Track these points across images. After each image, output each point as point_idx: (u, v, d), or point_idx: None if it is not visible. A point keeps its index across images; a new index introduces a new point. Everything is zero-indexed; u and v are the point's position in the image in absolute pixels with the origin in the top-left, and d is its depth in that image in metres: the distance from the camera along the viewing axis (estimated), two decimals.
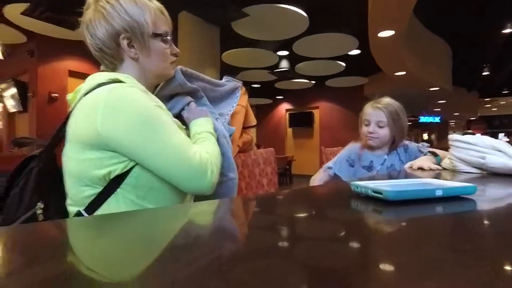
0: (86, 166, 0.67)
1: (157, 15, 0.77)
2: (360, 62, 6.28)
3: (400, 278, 0.22)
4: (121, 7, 0.72)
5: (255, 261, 0.26)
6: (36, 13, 3.59)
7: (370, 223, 0.41)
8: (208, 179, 0.73)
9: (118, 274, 0.24)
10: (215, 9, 3.76)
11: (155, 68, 0.80)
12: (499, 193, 0.65)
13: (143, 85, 0.76)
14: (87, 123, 0.66)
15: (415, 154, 1.34)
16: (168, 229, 0.39)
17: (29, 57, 4.95)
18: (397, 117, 1.34)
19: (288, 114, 10.07)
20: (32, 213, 0.70)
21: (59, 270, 0.24)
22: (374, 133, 1.34)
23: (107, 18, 0.72)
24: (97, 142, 0.65)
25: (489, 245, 0.30)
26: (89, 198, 0.68)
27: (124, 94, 0.67)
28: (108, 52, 0.75)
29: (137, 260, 0.27)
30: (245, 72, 6.95)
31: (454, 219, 0.42)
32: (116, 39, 0.73)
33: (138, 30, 0.73)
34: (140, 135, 0.66)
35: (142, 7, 0.74)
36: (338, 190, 0.71)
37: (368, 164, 1.38)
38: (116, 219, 0.43)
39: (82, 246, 0.32)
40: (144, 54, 0.76)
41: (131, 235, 0.35)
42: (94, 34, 0.73)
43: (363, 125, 1.39)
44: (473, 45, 6.39)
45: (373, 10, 3.56)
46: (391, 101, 1.36)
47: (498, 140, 0.91)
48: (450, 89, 7.64)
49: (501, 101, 13.22)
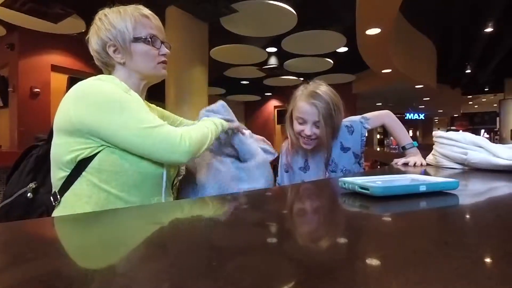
0: (59, 150, 0.76)
1: (139, 20, 0.85)
2: (348, 59, 6.35)
3: (385, 270, 0.23)
4: (107, 20, 0.83)
5: (242, 256, 0.26)
6: (17, 4, 3.46)
7: (357, 218, 0.42)
8: (178, 148, 0.76)
9: (106, 271, 0.24)
10: (204, 4, 3.72)
11: (142, 69, 0.87)
12: (480, 188, 0.67)
13: (132, 86, 0.84)
14: (62, 111, 0.75)
15: (361, 134, 1.15)
16: (155, 227, 0.39)
17: (9, 50, 4.77)
18: (337, 110, 1.07)
19: (277, 111, 10.09)
20: (24, 190, 0.83)
21: (44, 268, 0.24)
22: (312, 136, 1.06)
23: (98, 33, 0.84)
24: (70, 128, 0.73)
25: (471, 237, 0.31)
26: (61, 180, 0.77)
27: (94, 84, 0.76)
28: (102, 61, 0.87)
29: (125, 257, 0.27)
30: (234, 69, 6.91)
31: (437, 213, 0.44)
32: (105, 48, 0.84)
33: (120, 38, 0.83)
34: (106, 113, 0.73)
35: (124, 16, 0.84)
36: (326, 187, 0.72)
37: (303, 164, 1.16)
38: (109, 215, 0.42)
39: (63, 244, 0.32)
40: (128, 57, 0.85)
41: (118, 233, 0.35)
42: (92, 48, 0.86)
43: (295, 122, 1.09)
44: (457, 43, 6.55)
45: (361, 8, 3.60)
46: (328, 89, 1.09)
47: (479, 136, 0.94)
48: (434, 87, 7.82)
49: (483, 98, 13.62)
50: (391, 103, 11.18)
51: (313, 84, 1.10)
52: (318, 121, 1.05)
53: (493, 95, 11.93)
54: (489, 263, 0.25)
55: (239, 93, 9.46)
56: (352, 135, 1.15)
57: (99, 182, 0.75)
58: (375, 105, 11.08)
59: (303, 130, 1.06)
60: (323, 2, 4.14)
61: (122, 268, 0.25)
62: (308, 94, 1.06)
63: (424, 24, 5.65)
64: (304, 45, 5.31)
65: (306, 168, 1.15)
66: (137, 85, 0.88)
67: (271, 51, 5.99)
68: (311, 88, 1.08)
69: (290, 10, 3.97)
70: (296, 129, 1.09)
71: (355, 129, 1.16)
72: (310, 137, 1.06)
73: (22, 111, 4.72)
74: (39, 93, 4.86)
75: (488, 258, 0.26)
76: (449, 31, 5.92)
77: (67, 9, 3.63)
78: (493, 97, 12.14)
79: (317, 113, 1.04)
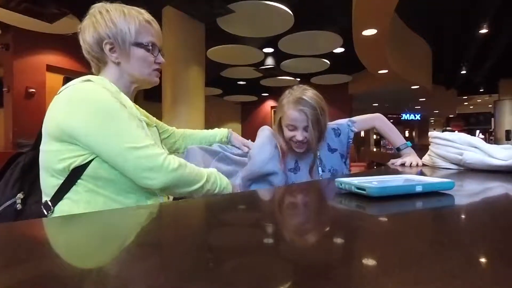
0: (50, 157, 0.73)
1: (143, 26, 0.84)
2: (344, 60, 6.37)
3: (380, 270, 0.23)
4: (109, 16, 0.81)
5: (238, 257, 0.26)
6: (12, 4, 3.43)
7: (353, 218, 0.42)
8: (157, 175, 0.72)
9: (100, 272, 0.24)
10: (201, 4, 3.71)
11: (136, 73, 0.86)
12: (475, 188, 0.67)
13: (122, 87, 0.83)
14: (51, 116, 0.73)
15: (347, 137, 1.21)
16: (149, 227, 0.39)
17: (4, 50, 4.73)
18: (323, 113, 1.12)
19: (274, 111, 10.09)
20: (12, 202, 0.79)
21: (39, 270, 0.24)
22: (303, 140, 1.11)
23: (95, 26, 0.81)
24: (59, 134, 0.71)
25: (466, 237, 0.32)
26: (54, 188, 0.74)
27: (85, 89, 0.74)
28: (94, 55, 0.84)
29: (119, 258, 0.27)
30: (231, 69, 6.90)
31: (433, 213, 0.44)
32: (100, 44, 0.81)
33: (120, 38, 0.81)
34: (94, 123, 0.71)
35: (128, 18, 0.82)
36: (323, 187, 0.72)
37: (294, 165, 1.19)
38: (104, 216, 0.42)
39: (56, 246, 0.32)
40: (125, 59, 0.84)
41: (113, 233, 0.35)
42: (84, 39, 0.83)
43: (286, 129, 1.13)
44: (452, 44, 6.59)
45: (357, 9, 3.61)
46: (314, 94, 1.13)
47: (474, 137, 0.95)
48: (430, 87, 7.87)
49: (478, 99, 13.72)
50: (387, 103, 11.24)
51: (298, 90, 1.14)
52: (307, 125, 1.09)
53: (488, 96, 12.03)
54: (484, 263, 0.25)
55: (236, 94, 9.45)
56: (339, 137, 1.22)
57: (96, 188, 0.74)
58: (371, 105, 11.12)
59: (295, 136, 1.11)
60: (319, 3, 4.15)
61: (116, 269, 0.24)
62: (296, 101, 1.10)
63: (420, 25, 5.68)
64: (300, 45, 5.32)
65: (296, 169, 1.18)
66: (127, 87, 0.87)
67: (267, 52, 5.99)
68: (297, 95, 1.11)
69: (286, 11, 3.98)
70: (287, 135, 1.13)
71: (342, 131, 1.22)
72: (302, 141, 1.11)
73: (17, 112, 4.68)
74: (34, 93, 4.82)
75: (483, 258, 0.26)
76: (444, 32, 5.97)
77: (63, 9, 3.60)
78: (488, 98, 12.24)
79: (306, 119, 1.08)
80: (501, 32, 5.84)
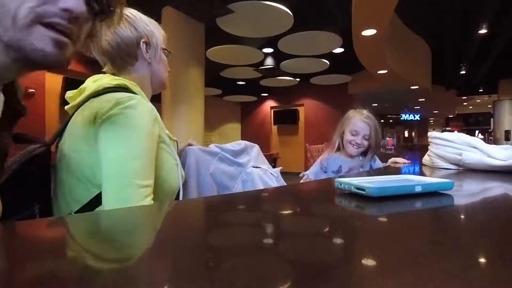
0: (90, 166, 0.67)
1: (163, 34, 0.91)
2: (344, 60, 6.37)
3: (380, 270, 0.23)
4: (140, 17, 0.85)
5: (238, 257, 0.26)
6: None
7: (353, 218, 0.42)
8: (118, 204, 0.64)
9: (108, 270, 0.24)
10: (200, 5, 3.72)
11: (161, 74, 0.91)
12: (474, 189, 0.67)
13: (149, 88, 0.88)
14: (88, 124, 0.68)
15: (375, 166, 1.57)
16: (150, 227, 0.39)
17: None
18: (378, 131, 1.54)
19: (273, 111, 10.10)
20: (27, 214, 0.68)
21: (39, 270, 0.24)
22: (361, 145, 1.50)
23: (131, 23, 0.82)
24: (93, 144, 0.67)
25: (466, 237, 0.32)
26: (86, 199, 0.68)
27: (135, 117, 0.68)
28: (125, 48, 0.81)
29: (119, 258, 0.27)
30: (230, 69, 6.91)
31: (432, 213, 0.44)
32: (138, 40, 0.83)
33: (154, 40, 0.86)
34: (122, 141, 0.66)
35: (155, 25, 0.88)
36: (322, 187, 0.72)
37: (337, 168, 1.54)
38: (105, 216, 0.42)
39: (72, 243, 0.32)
40: (156, 60, 0.88)
41: (114, 233, 0.35)
42: (116, 32, 0.79)
43: (348, 133, 1.52)
44: (451, 44, 6.60)
45: (356, 9, 3.61)
46: (372, 116, 1.56)
47: (473, 137, 0.95)
48: (429, 87, 7.88)
49: (477, 99, 13.74)
50: (387, 103, 11.25)
51: (361, 110, 1.58)
52: (368, 134, 1.50)
53: (488, 96, 12.04)
54: (484, 263, 0.25)
55: (236, 94, 9.46)
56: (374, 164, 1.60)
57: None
58: (371, 105, 11.12)
59: (355, 139, 1.51)
60: (319, 3, 4.16)
61: (116, 269, 0.24)
62: (363, 115, 1.54)
63: (419, 25, 5.69)
64: (300, 45, 5.33)
65: (339, 172, 1.52)
66: (153, 89, 0.90)
67: (267, 52, 6.00)
68: (363, 112, 1.57)
69: (286, 11, 3.98)
70: (348, 139, 1.53)
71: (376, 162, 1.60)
72: (360, 145, 1.50)
73: None
74: (34, 93, 4.82)
75: (483, 258, 0.26)
76: (444, 32, 5.97)
77: None
78: (488, 98, 12.26)
79: (368, 129, 1.51)
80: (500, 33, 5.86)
